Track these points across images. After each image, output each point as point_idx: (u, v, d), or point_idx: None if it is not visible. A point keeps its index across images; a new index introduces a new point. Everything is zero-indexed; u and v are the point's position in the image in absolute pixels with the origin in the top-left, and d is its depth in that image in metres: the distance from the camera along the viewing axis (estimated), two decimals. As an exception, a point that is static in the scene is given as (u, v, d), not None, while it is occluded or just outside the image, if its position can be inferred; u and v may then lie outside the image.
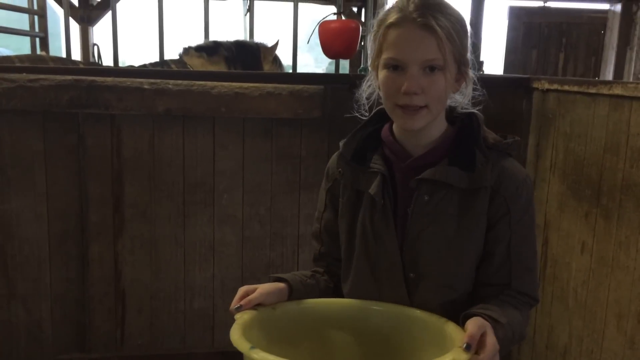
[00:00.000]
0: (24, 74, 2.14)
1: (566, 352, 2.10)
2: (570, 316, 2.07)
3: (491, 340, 0.97)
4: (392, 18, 1.11)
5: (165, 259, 2.41)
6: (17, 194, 2.27)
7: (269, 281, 1.22)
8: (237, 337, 1.01)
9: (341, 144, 1.28)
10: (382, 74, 1.14)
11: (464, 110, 1.22)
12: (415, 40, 1.09)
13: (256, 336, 1.09)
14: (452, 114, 1.23)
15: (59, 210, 2.31)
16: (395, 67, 1.11)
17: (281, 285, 1.19)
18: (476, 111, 1.22)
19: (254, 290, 1.14)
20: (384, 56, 1.13)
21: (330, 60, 3.04)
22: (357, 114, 1.30)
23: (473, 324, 0.99)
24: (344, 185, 1.26)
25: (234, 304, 1.13)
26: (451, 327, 1.06)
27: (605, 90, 1.88)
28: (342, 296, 1.29)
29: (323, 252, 1.33)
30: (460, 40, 1.12)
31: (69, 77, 2.14)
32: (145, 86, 2.17)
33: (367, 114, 1.28)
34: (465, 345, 0.94)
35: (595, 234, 1.93)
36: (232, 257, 2.44)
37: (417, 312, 1.15)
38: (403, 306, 1.18)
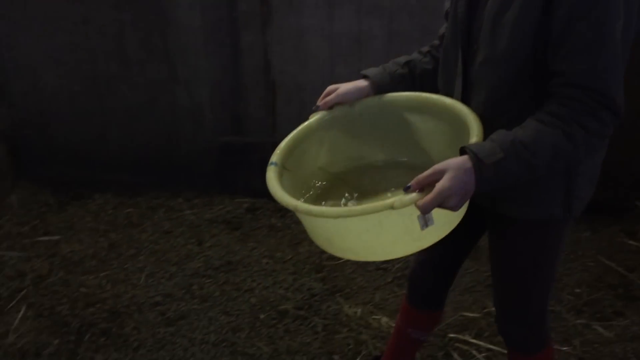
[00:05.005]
0: None
1: None
2: None
3: (442, 185, 0.90)
4: None
5: (312, 52, 2.38)
6: (170, -19, 2.33)
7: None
8: (273, 184, 1.00)
9: None
10: None
11: None
12: None
13: (329, 136, 1.16)
14: None
15: (210, -3, 2.34)
16: None
17: (362, 84, 1.19)
18: None
19: (335, 90, 1.16)
20: None
21: None
22: None
23: (434, 168, 0.93)
24: None
25: (318, 102, 1.15)
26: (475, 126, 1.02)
27: None
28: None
29: (441, 34, 1.30)
30: None
31: None
32: None
33: None
34: (406, 186, 0.93)
35: None
36: (378, 52, 2.34)
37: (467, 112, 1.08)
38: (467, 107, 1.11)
